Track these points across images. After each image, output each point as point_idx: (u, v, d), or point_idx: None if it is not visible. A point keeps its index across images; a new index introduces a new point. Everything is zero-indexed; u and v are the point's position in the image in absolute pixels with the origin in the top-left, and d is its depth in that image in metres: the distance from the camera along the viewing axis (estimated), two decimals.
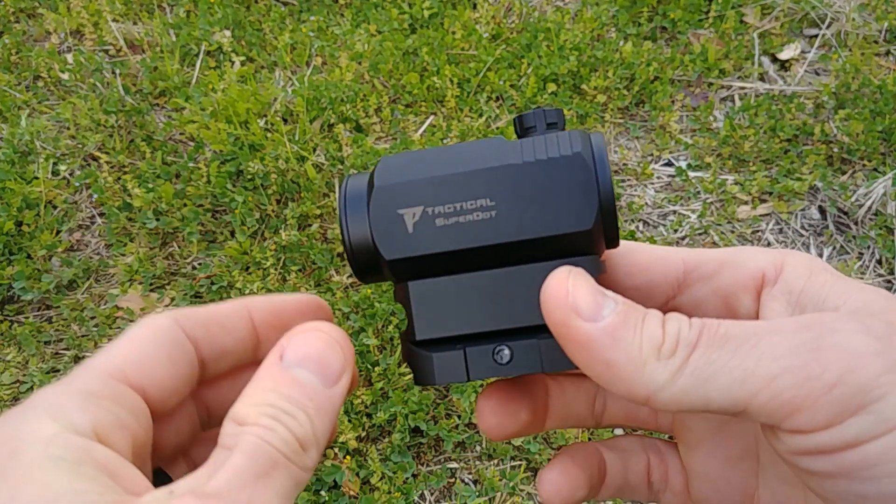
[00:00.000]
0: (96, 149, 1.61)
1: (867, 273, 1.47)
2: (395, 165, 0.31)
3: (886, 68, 1.78)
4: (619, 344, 0.25)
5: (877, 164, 1.59)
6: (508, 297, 0.31)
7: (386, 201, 0.31)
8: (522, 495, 1.19)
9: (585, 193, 0.30)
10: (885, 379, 0.23)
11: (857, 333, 0.24)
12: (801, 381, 0.23)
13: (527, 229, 0.30)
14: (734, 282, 0.30)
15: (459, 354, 0.30)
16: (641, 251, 0.33)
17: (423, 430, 1.22)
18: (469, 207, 0.30)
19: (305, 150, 1.56)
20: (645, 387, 0.25)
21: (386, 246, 0.30)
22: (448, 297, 0.31)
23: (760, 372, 0.24)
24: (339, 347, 0.28)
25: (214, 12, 1.89)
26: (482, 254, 0.30)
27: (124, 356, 0.28)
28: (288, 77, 1.80)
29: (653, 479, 0.36)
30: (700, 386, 0.24)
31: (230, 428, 0.26)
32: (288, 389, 0.27)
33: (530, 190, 0.30)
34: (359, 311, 1.35)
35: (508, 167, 0.30)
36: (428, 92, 1.71)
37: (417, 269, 0.31)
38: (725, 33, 1.83)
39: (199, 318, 0.31)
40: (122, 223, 1.49)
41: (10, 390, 1.31)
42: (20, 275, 1.40)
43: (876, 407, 0.22)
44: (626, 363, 0.25)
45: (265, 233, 1.49)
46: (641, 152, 1.66)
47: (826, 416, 0.23)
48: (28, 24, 1.95)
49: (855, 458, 0.23)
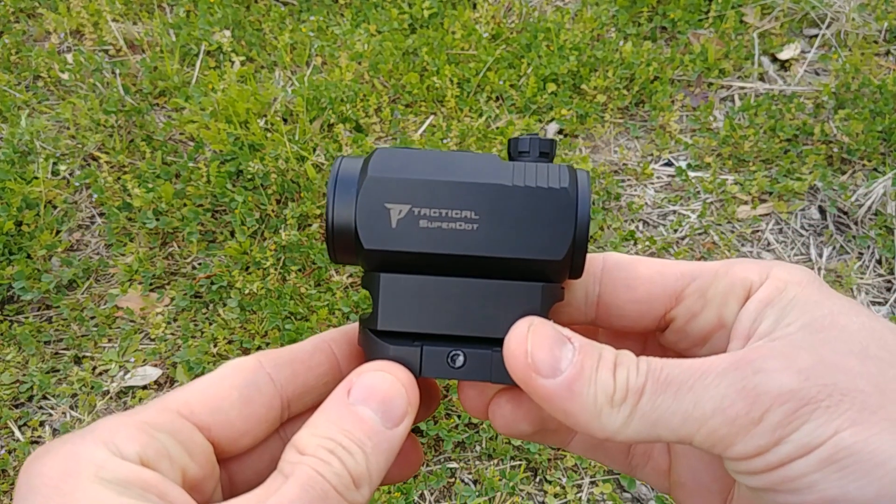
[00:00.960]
0: (96, 149, 1.62)
1: (867, 273, 1.47)
2: (389, 159, 0.32)
3: (886, 68, 1.78)
4: (575, 397, 0.29)
5: (877, 164, 1.59)
6: (472, 306, 0.32)
7: (376, 192, 0.31)
8: (522, 495, 1.19)
9: (563, 227, 0.32)
10: (803, 410, 0.26)
11: (778, 372, 0.27)
12: (730, 420, 0.27)
13: (502, 248, 0.31)
14: (724, 291, 0.32)
15: (416, 351, 0.32)
16: (642, 265, 0.35)
17: (423, 430, 1.22)
18: (453, 216, 0.31)
19: (305, 150, 1.56)
20: (602, 431, 0.29)
21: (367, 235, 0.31)
22: (415, 295, 0.32)
23: (697, 414, 0.27)
24: (405, 391, 0.30)
25: (214, 12, 1.89)
26: (456, 262, 0.32)
27: (197, 394, 0.29)
28: (288, 77, 1.80)
29: (634, 452, 0.37)
30: (650, 428, 0.28)
31: (290, 455, 0.28)
32: (350, 425, 0.28)
33: (513, 212, 0.32)
34: (359, 310, 1.35)
35: (498, 187, 0.32)
36: (428, 92, 1.71)
37: (391, 263, 0.32)
38: (725, 33, 1.83)
39: (283, 358, 0.32)
40: (122, 223, 1.49)
41: (10, 390, 1.31)
42: (20, 275, 1.40)
43: (794, 437, 0.26)
44: (583, 413, 0.29)
45: (265, 233, 1.49)
46: (641, 152, 1.66)
47: (754, 447, 0.27)
48: (28, 24, 1.95)
49: (782, 476, 0.27)
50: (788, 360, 0.27)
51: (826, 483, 0.26)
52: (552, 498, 1.19)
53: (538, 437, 0.36)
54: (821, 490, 0.26)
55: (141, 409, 0.28)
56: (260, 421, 0.31)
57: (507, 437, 0.37)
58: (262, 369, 0.31)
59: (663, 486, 0.37)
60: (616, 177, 1.61)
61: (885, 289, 1.45)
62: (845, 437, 0.26)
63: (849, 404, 0.26)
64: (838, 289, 1.43)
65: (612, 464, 0.38)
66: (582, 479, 1.22)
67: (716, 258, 1.46)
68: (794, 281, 0.30)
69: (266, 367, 0.31)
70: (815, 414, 0.26)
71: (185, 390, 0.29)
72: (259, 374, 0.31)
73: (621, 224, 1.52)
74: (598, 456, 0.37)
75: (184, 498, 0.26)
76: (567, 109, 1.68)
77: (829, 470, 0.26)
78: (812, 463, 0.26)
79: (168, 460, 0.27)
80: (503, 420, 0.34)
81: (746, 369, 0.27)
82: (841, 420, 0.26)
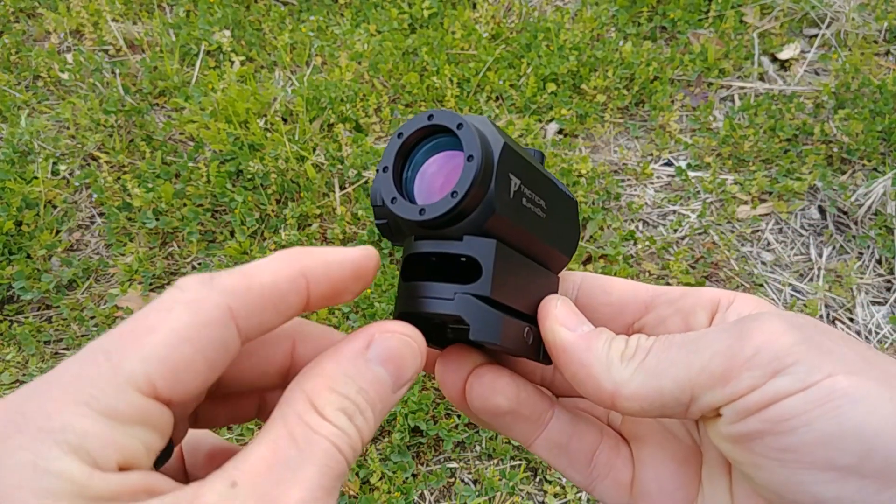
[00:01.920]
0: (96, 149, 1.62)
1: (867, 273, 1.47)
2: (499, 130, 0.32)
3: (886, 68, 1.78)
4: (591, 349, 0.32)
5: (876, 163, 1.59)
6: (532, 288, 0.34)
7: (508, 160, 0.32)
8: (522, 495, 1.19)
9: (575, 231, 0.37)
10: (797, 349, 0.28)
11: (773, 320, 0.29)
12: (728, 357, 0.28)
13: (554, 240, 0.35)
14: (694, 303, 0.35)
15: (521, 326, 0.33)
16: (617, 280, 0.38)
17: (423, 430, 1.22)
18: (537, 202, 0.34)
19: (305, 149, 1.56)
20: (611, 382, 0.31)
21: (500, 198, 0.31)
22: (514, 270, 0.33)
23: (697, 361, 0.29)
24: (420, 357, 0.30)
25: (214, 12, 1.89)
26: (532, 245, 0.34)
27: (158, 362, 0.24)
28: (288, 77, 1.80)
29: (597, 461, 0.37)
30: (654, 378, 0.30)
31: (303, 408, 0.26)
32: (367, 384, 0.28)
33: (560, 210, 0.36)
34: (358, 310, 1.35)
35: (555, 186, 0.36)
36: (428, 92, 1.71)
37: (502, 232, 0.32)
38: (725, 33, 1.83)
39: (255, 304, 0.26)
40: (122, 223, 1.49)
41: (10, 390, 1.31)
42: (20, 275, 1.40)
43: (790, 370, 0.27)
44: (596, 363, 0.31)
45: (265, 232, 1.49)
46: (641, 152, 1.66)
47: (750, 382, 0.28)
48: (28, 24, 1.95)
49: (777, 412, 0.27)
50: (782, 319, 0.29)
51: (824, 421, 0.26)
52: (552, 498, 1.19)
53: (510, 419, 0.35)
54: (818, 428, 0.26)
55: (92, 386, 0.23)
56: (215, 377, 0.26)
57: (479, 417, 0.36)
58: (232, 322, 0.25)
59: (622, 501, 0.37)
60: (616, 177, 1.61)
61: (885, 289, 1.45)
62: (840, 379, 0.27)
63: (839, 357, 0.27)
64: (838, 289, 1.43)
65: (573, 472, 0.37)
66: None
67: (716, 258, 1.47)
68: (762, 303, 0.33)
69: (237, 318, 0.26)
70: (808, 355, 0.27)
71: (142, 356, 0.24)
72: (228, 329, 0.25)
73: (621, 224, 1.52)
74: (560, 461, 0.37)
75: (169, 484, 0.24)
76: (567, 109, 1.68)
77: (828, 407, 0.26)
78: (810, 399, 0.27)
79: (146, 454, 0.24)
80: (480, 390, 0.34)
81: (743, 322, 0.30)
82: (833, 366, 0.27)
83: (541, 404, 0.36)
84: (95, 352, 0.24)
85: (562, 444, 0.36)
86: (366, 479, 1.18)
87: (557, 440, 0.36)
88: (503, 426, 0.36)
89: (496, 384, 0.34)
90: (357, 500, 1.16)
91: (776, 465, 0.28)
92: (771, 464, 0.28)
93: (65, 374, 0.24)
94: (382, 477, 1.18)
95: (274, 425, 0.26)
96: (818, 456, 0.27)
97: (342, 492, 1.16)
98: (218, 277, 0.26)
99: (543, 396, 0.36)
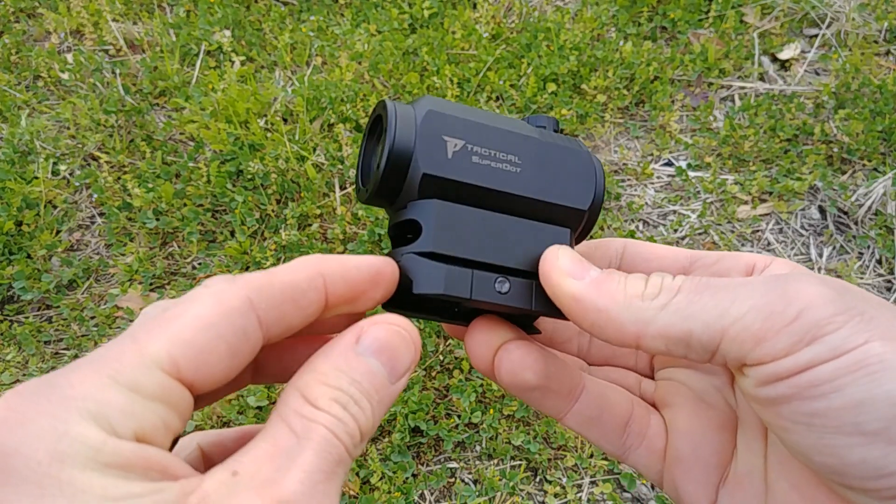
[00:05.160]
0: (96, 149, 1.61)
1: (867, 273, 1.47)
2: (441, 102, 0.35)
3: (886, 68, 1.78)
4: (605, 293, 0.30)
5: (877, 163, 1.59)
6: (512, 241, 0.34)
7: (435, 124, 0.34)
8: (522, 495, 1.19)
9: (588, 183, 0.37)
10: (837, 318, 0.27)
11: (817, 284, 0.28)
12: (766, 315, 0.28)
13: (541, 192, 0.35)
14: (730, 266, 0.35)
15: (468, 273, 0.33)
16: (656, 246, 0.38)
17: (423, 430, 1.22)
18: (501, 157, 0.35)
19: (305, 149, 1.56)
20: (634, 323, 0.30)
21: (425, 160, 0.33)
22: (465, 223, 0.34)
23: (734, 310, 0.28)
24: (413, 346, 0.30)
25: (214, 12, 1.89)
26: (499, 199, 0.34)
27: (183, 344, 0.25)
28: (288, 77, 1.80)
29: (629, 431, 0.37)
30: (682, 321, 0.29)
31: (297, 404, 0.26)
32: (359, 376, 0.28)
33: (550, 163, 0.36)
34: None
35: (537, 140, 0.36)
36: (428, 92, 1.71)
37: (442, 191, 0.34)
38: (725, 33, 1.83)
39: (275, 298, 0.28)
40: (122, 223, 1.49)
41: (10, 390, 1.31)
42: (20, 275, 1.40)
43: (827, 339, 0.27)
44: (613, 305, 0.30)
45: (265, 232, 1.49)
46: (641, 152, 1.66)
47: (785, 345, 0.27)
48: (28, 24, 1.95)
49: (808, 379, 0.27)
50: (822, 282, 0.28)
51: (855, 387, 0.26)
52: (552, 498, 1.19)
53: (539, 394, 0.35)
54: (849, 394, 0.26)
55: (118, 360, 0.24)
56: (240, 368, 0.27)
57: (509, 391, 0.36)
58: (252, 312, 0.27)
59: (656, 468, 0.37)
60: (616, 177, 1.61)
61: (886, 289, 1.45)
62: (875, 346, 0.26)
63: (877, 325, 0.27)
64: None
65: (605, 442, 0.37)
66: (582, 479, 1.22)
67: None
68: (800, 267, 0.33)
69: (257, 309, 0.27)
70: (848, 324, 0.27)
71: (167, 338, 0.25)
72: (249, 318, 0.27)
73: (621, 224, 1.52)
74: (592, 433, 0.37)
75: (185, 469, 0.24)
76: (567, 109, 1.68)
77: (859, 374, 0.26)
78: (842, 366, 0.26)
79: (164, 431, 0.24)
80: (510, 366, 0.34)
81: (787, 278, 0.29)
82: (871, 333, 0.26)
83: (571, 379, 0.36)
84: (124, 337, 0.25)
85: (593, 417, 0.37)
86: (366, 479, 1.18)
87: (589, 413, 0.37)
88: (533, 400, 0.36)
89: (525, 360, 0.34)
90: (357, 500, 1.16)
91: (803, 428, 0.28)
92: (798, 427, 0.28)
93: (95, 354, 0.25)
94: (383, 477, 1.18)
95: (273, 423, 0.26)
96: (846, 420, 0.26)
97: (342, 491, 1.16)
98: (241, 276, 0.28)
99: (574, 371, 0.36)
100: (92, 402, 0.23)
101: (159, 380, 0.24)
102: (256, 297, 0.27)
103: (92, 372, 0.24)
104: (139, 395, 0.24)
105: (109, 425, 0.23)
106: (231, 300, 0.27)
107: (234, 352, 0.26)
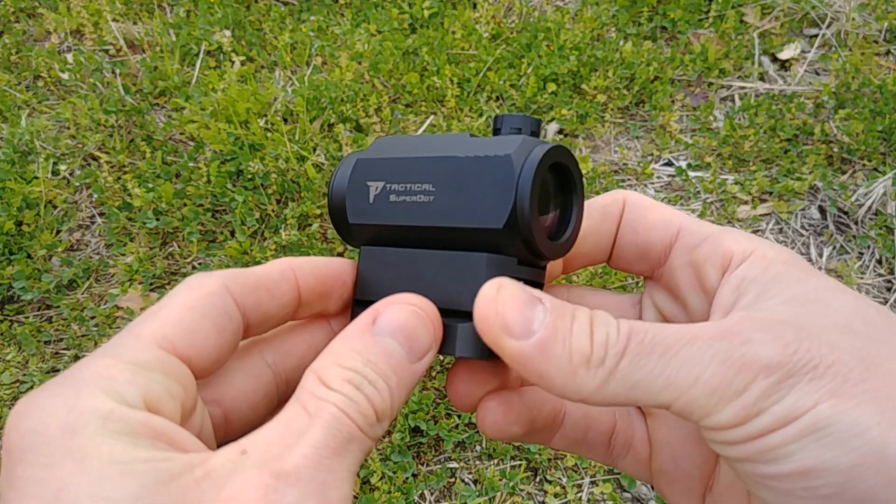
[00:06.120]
0: (96, 149, 1.61)
1: (867, 273, 1.47)
2: (382, 144, 0.35)
3: (886, 68, 1.78)
4: (549, 359, 0.27)
5: (877, 163, 1.59)
6: (433, 277, 0.32)
7: (362, 172, 0.34)
8: (522, 495, 1.19)
9: (502, 194, 0.30)
10: (787, 382, 0.26)
11: (765, 344, 0.26)
12: (711, 390, 0.26)
13: (451, 218, 0.31)
14: (707, 256, 0.32)
15: None
16: (652, 210, 0.35)
17: (423, 430, 1.22)
18: (415, 189, 0.33)
19: (305, 149, 1.56)
20: (577, 393, 0.28)
21: (351, 210, 0.34)
22: (389, 266, 0.33)
23: (679, 381, 0.27)
24: (431, 325, 0.29)
25: (214, 12, 1.89)
26: (416, 234, 0.33)
27: (172, 324, 0.28)
28: (288, 77, 1.80)
29: (615, 444, 0.37)
30: (627, 391, 0.27)
31: (311, 384, 0.27)
32: (375, 357, 0.28)
33: (462, 182, 0.31)
34: None
35: (451, 159, 0.32)
36: (428, 92, 1.71)
37: (371, 238, 0.34)
38: (725, 33, 1.83)
39: (249, 284, 0.31)
40: (122, 223, 1.49)
41: (10, 390, 1.31)
42: (20, 275, 1.40)
43: (775, 409, 0.26)
44: (558, 374, 0.27)
45: (265, 232, 1.49)
46: (641, 152, 1.66)
47: (732, 418, 0.26)
48: (28, 24, 1.95)
49: (757, 447, 0.26)
50: (775, 333, 0.27)
51: (803, 453, 0.26)
52: (552, 498, 1.19)
53: (525, 437, 0.35)
54: (798, 460, 0.26)
55: (125, 346, 0.27)
56: (230, 348, 0.30)
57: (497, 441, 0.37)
58: (229, 295, 0.30)
59: (645, 474, 0.37)
60: (616, 177, 1.61)
61: (886, 289, 1.45)
62: (824, 408, 0.25)
63: (831, 377, 0.26)
64: None
65: (594, 456, 0.38)
66: (582, 479, 1.22)
67: None
68: (778, 259, 0.30)
69: (232, 293, 0.30)
70: (797, 387, 0.26)
71: (158, 321, 0.28)
72: (227, 300, 0.29)
73: None
74: (580, 450, 0.37)
75: (192, 441, 0.25)
76: (567, 109, 1.68)
77: (807, 440, 0.25)
78: (790, 434, 0.26)
79: (170, 400, 0.26)
80: (494, 424, 0.34)
81: (734, 339, 0.27)
82: (822, 392, 0.26)
83: (553, 409, 0.36)
84: (121, 331, 0.28)
85: (578, 440, 0.37)
86: (366, 479, 1.18)
87: (574, 436, 0.37)
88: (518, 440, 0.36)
89: (509, 416, 0.34)
90: (357, 500, 1.16)
91: (758, 486, 0.28)
92: (754, 483, 0.28)
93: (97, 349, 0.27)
94: (383, 477, 1.18)
95: (289, 405, 0.27)
96: (798, 485, 0.26)
97: None
98: (218, 270, 0.31)
99: (555, 400, 0.36)
100: (100, 378, 0.25)
101: (158, 355, 0.27)
102: (231, 283, 0.30)
103: (97, 358, 0.26)
104: (141, 367, 0.26)
105: (118, 394, 0.24)
106: (209, 286, 0.29)
107: (220, 329, 0.29)
